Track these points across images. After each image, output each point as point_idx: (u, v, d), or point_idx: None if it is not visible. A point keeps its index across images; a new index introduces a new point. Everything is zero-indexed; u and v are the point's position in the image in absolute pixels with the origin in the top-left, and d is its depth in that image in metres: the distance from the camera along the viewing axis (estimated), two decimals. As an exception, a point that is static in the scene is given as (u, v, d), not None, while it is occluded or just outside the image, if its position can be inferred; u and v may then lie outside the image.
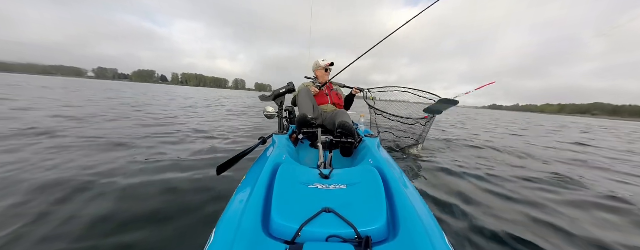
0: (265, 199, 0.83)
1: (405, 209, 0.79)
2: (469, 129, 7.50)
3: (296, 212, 0.74)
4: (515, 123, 14.15)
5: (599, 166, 3.41)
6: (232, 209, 0.79)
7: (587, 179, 2.61)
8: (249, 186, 0.94)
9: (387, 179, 1.01)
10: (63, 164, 2.06)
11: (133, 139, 3.11)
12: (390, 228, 0.75)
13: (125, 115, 5.17)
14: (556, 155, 4.08)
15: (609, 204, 1.94)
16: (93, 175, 1.87)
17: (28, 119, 3.91)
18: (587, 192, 2.19)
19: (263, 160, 1.25)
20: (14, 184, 1.66)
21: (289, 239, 0.68)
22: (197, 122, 4.99)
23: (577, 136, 7.97)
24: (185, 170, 2.11)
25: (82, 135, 3.08)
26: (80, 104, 6.81)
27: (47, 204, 1.45)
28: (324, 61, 2.66)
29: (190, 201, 1.61)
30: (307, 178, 0.99)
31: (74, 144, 2.70)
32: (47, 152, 2.36)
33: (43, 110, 4.92)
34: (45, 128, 3.30)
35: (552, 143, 5.59)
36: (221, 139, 3.58)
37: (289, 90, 2.24)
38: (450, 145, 4.18)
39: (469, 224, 1.50)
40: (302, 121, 1.97)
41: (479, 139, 5.29)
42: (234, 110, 8.98)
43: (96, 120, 4.28)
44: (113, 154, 2.44)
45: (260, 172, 1.01)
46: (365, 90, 3.06)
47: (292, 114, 2.76)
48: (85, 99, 8.53)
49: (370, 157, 1.36)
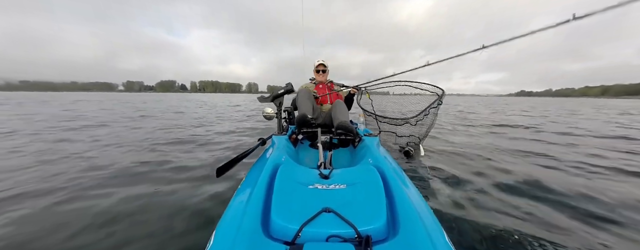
0: (265, 200, 0.83)
1: (405, 208, 0.79)
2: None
3: (296, 213, 0.74)
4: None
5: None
6: (231, 210, 0.79)
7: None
8: (248, 187, 0.93)
9: (386, 178, 1.01)
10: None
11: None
12: (390, 227, 0.75)
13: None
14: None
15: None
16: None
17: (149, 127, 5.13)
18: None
19: (262, 161, 1.25)
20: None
21: (289, 239, 0.68)
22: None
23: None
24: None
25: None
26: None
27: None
28: (317, 61, 2.68)
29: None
30: (307, 178, 0.99)
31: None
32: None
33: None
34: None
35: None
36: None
37: (287, 91, 2.23)
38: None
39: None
40: (302, 121, 1.97)
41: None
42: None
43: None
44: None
45: (259, 173, 1.01)
46: (362, 88, 2.80)
47: (291, 115, 2.76)
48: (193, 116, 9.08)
49: (369, 157, 1.36)
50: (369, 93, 2.91)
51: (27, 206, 1.60)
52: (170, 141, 3.76)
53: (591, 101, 49.32)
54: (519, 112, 11.51)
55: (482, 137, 4.70)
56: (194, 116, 7.91)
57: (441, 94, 2.78)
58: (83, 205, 1.62)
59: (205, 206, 1.62)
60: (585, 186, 2.11)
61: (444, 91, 2.78)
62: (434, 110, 2.78)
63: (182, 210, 1.56)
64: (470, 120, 7.64)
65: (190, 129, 5.09)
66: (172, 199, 1.72)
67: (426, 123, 2.86)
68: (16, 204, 1.64)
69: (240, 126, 5.73)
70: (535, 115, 9.43)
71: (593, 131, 5.38)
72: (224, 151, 3.25)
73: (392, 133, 3.03)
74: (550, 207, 1.77)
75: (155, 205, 1.63)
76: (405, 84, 2.95)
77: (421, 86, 2.96)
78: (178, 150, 3.22)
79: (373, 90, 2.94)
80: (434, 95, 2.86)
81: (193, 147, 3.42)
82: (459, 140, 4.20)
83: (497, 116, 9.15)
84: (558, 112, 11.89)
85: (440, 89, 2.81)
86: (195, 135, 4.33)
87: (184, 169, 2.42)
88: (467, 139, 4.35)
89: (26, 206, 1.60)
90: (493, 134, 5.11)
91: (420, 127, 2.88)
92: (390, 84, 2.92)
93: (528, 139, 4.42)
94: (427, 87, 2.93)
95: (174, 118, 7.26)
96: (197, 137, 4.14)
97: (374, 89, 2.94)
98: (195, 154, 3.05)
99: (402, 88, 2.99)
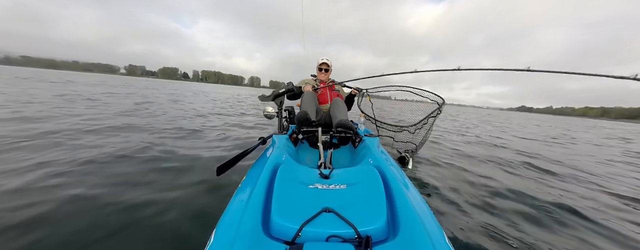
0: (265, 199, 0.83)
1: (405, 208, 0.78)
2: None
3: (296, 212, 0.74)
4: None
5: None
6: (232, 209, 0.79)
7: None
8: (248, 186, 0.93)
9: (387, 178, 1.01)
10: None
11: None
12: (390, 227, 0.75)
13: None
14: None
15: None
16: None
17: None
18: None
19: (263, 160, 1.25)
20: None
21: (289, 239, 0.68)
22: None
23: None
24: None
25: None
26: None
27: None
28: (321, 60, 2.67)
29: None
30: (307, 178, 0.99)
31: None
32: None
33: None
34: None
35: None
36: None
37: (288, 90, 2.24)
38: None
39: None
40: (302, 119, 1.97)
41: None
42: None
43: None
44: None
45: (260, 173, 1.01)
46: (363, 91, 2.83)
47: (292, 114, 2.76)
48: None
49: (370, 157, 1.35)
50: (369, 96, 2.90)
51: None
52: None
53: (596, 122, 46.83)
54: (541, 137, 7.41)
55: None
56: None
57: (441, 103, 2.75)
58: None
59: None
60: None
61: (444, 100, 2.76)
62: (433, 120, 2.77)
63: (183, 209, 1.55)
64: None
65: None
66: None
67: (423, 131, 2.84)
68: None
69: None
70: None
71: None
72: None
73: (390, 138, 3.01)
74: (550, 213, 1.77)
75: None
76: (407, 90, 2.93)
77: (422, 93, 2.92)
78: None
79: (374, 93, 2.93)
80: (434, 104, 2.83)
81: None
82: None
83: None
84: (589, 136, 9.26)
85: (441, 98, 2.78)
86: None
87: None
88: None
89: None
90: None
91: (417, 135, 2.86)
92: (392, 89, 2.92)
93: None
94: (428, 95, 2.89)
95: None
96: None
97: (375, 93, 2.94)
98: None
99: (404, 94, 2.97)
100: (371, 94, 2.92)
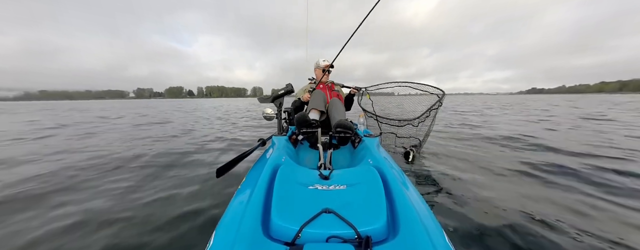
0: (265, 201, 0.83)
1: (405, 209, 0.78)
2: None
3: (296, 213, 0.74)
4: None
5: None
6: (231, 210, 0.79)
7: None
8: (248, 188, 0.93)
9: (386, 178, 1.01)
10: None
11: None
12: (390, 228, 0.75)
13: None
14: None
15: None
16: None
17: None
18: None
19: (262, 161, 1.25)
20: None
21: (289, 240, 0.68)
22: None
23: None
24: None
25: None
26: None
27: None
28: (324, 61, 2.67)
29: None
30: (307, 179, 0.99)
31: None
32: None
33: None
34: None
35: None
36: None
37: (287, 92, 2.24)
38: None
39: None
40: (301, 120, 1.97)
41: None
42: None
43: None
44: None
45: (259, 174, 1.01)
46: (362, 89, 2.90)
47: (291, 115, 2.76)
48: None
49: (369, 157, 1.35)
50: (369, 94, 2.94)
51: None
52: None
53: (613, 97, 36.69)
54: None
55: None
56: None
57: (441, 95, 2.80)
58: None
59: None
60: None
61: (444, 92, 2.80)
62: (434, 113, 2.80)
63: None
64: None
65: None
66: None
67: (426, 124, 2.86)
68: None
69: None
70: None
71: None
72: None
73: (393, 134, 3.03)
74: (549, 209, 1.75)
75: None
76: (406, 86, 2.97)
77: (421, 87, 2.97)
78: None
79: (374, 91, 2.99)
80: (434, 97, 2.87)
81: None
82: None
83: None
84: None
85: (441, 91, 2.83)
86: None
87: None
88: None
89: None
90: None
91: (420, 128, 2.88)
92: (392, 85, 2.96)
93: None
94: (428, 89, 2.94)
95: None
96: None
97: (375, 91, 2.99)
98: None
99: (404, 89, 3.01)
100: (370, 91, 2.97)
